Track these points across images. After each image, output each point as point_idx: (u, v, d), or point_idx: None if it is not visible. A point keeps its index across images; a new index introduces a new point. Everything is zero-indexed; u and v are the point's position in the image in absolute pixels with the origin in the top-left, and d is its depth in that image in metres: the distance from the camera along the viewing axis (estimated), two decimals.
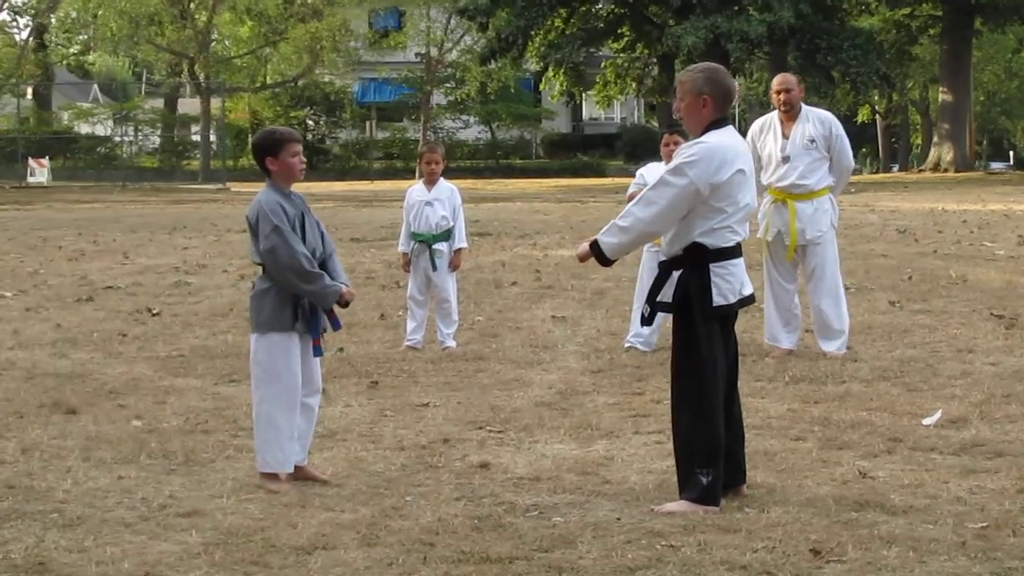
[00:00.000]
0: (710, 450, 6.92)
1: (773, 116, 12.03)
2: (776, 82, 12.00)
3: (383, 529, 6.55)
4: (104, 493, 7.30)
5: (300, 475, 7.56)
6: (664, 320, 9.25)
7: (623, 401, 9.84)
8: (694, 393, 6.98)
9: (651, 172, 11.92)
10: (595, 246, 7.11)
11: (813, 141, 11.72)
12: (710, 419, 6.95)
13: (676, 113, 7.29)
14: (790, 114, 11.84)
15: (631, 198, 10.59)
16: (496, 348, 12.39)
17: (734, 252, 7.06)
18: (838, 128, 11.88)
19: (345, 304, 7.59)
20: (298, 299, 7.49)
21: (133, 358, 11.97)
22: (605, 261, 7.16)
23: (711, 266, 6.97)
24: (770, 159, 11.87)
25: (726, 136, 7.08)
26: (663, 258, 7.22)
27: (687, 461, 6.95)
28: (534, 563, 5.99)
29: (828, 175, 11.84)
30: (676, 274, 7.05)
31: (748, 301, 7.20)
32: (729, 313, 7.10)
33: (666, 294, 7.08)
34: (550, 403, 9.74)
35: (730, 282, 7.02)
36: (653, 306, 7.18)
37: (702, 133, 7.09)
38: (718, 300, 6.98)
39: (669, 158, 12.13)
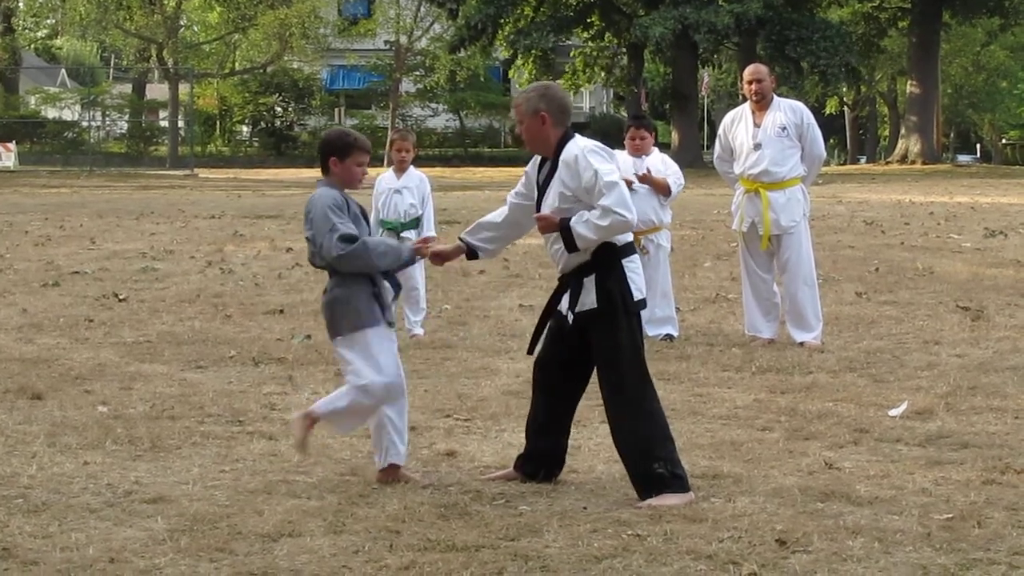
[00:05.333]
0: (662, 440, 6.95)
1: (745, 107, 12.11)
2: (747, 72, 12.08)
3: (349, 516, 6.55)
4: (69, 479, 7.28)
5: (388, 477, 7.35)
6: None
7: (590, 390, 9.76)
8: (630, 390, 7.00)
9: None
10: (567, 231, 7.06)
11: (785, 129, 11.78)
12: (653, 411, 6.99)
13: (520, 133, 7.25)
14: (761, 104, 11.89)
15: None
16: (463, 336, 12.39)
17: (633, 247, 7.19)
18: (809, 117, 11.95)
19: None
20: (377, 292, 7.29)
21: (99, 343, 11.92)
22: (573, 248, 7.14)
23: (623, 262, 7.05)
24: (742, 148, 11.93)
25: (590, 142, 7.11)
26: (564, 271, 7.20)
27: (643, 460, 6.92)
28: (500, 551, 5.99)
29: (800, 165, 11.89)
30: (588, 280, 7.06)
31: None
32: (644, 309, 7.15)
33: (586, 301, 7.08)
34: (517, 392, 9.72)
35: (640, 275, 7.15)
36: (576, 316, 7.13)
37: (556, 150, 7.06)
38: (637, 295, 7.07)
39: (635, 150, 12.21)
